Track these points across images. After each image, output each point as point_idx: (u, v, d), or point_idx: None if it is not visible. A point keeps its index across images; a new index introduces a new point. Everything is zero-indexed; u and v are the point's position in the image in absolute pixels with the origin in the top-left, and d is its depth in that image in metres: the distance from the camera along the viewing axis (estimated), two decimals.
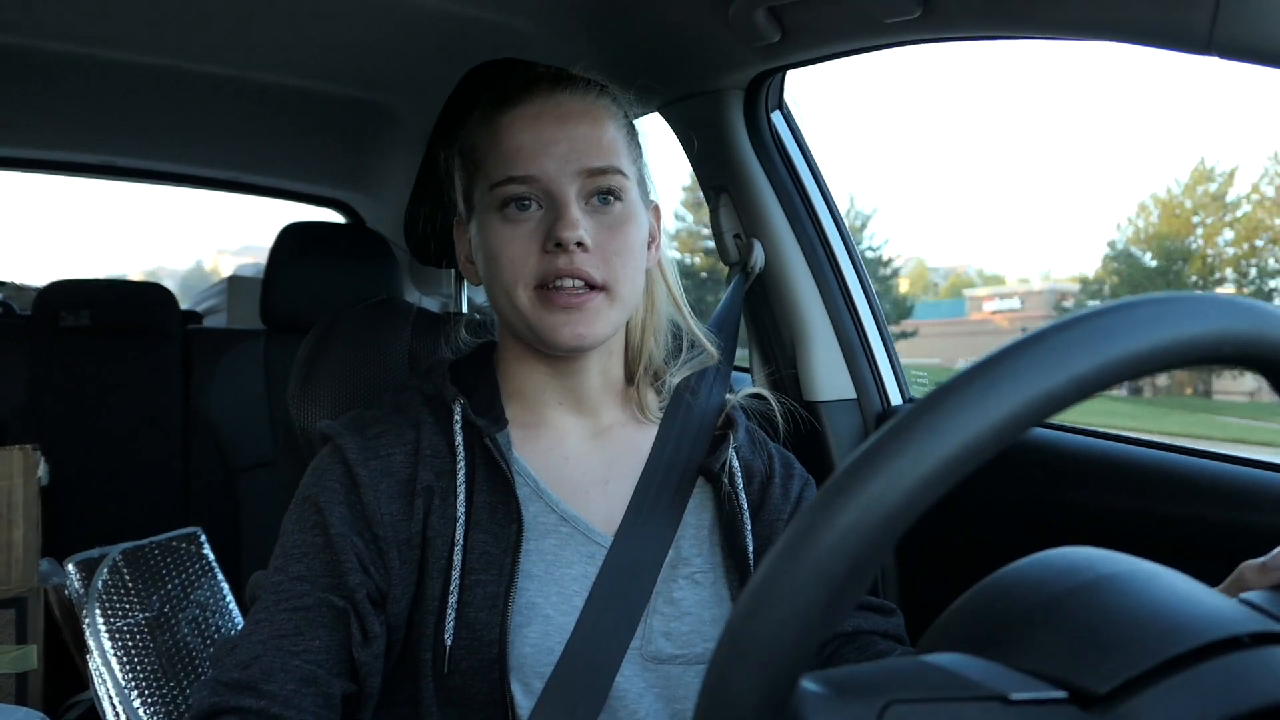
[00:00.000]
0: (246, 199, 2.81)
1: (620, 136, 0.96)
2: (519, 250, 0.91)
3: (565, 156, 0.91)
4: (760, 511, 1.02)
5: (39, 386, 2.18)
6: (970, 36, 1.11)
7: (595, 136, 0.93)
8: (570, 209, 0.90)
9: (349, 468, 0.89)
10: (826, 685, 0.36)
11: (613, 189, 0.93)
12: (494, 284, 0.95)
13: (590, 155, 0.92)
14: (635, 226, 0.95)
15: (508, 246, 0.92)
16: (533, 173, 0.91)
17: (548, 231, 0.90)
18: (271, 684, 0.79)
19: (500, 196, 0.92)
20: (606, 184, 0.93)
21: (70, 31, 1.62)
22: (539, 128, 0.92)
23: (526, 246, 0.91)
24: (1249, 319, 0.38)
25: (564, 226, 0.89)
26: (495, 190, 0.92)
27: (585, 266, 0.90)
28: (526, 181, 0.91)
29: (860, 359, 1.49)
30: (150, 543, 1.68)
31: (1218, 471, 1.09)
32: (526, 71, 0.98)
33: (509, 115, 0.94)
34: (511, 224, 0.92)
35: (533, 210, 0.92)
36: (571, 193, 0.91)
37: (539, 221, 0.91)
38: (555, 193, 0.91)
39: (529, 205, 0.92)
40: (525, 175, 0.91)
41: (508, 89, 0.96)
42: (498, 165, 0.93)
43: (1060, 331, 0.36)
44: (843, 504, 0.34)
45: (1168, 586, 0.40)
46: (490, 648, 0.86)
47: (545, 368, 0.98)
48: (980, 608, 0.41)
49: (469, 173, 0.98)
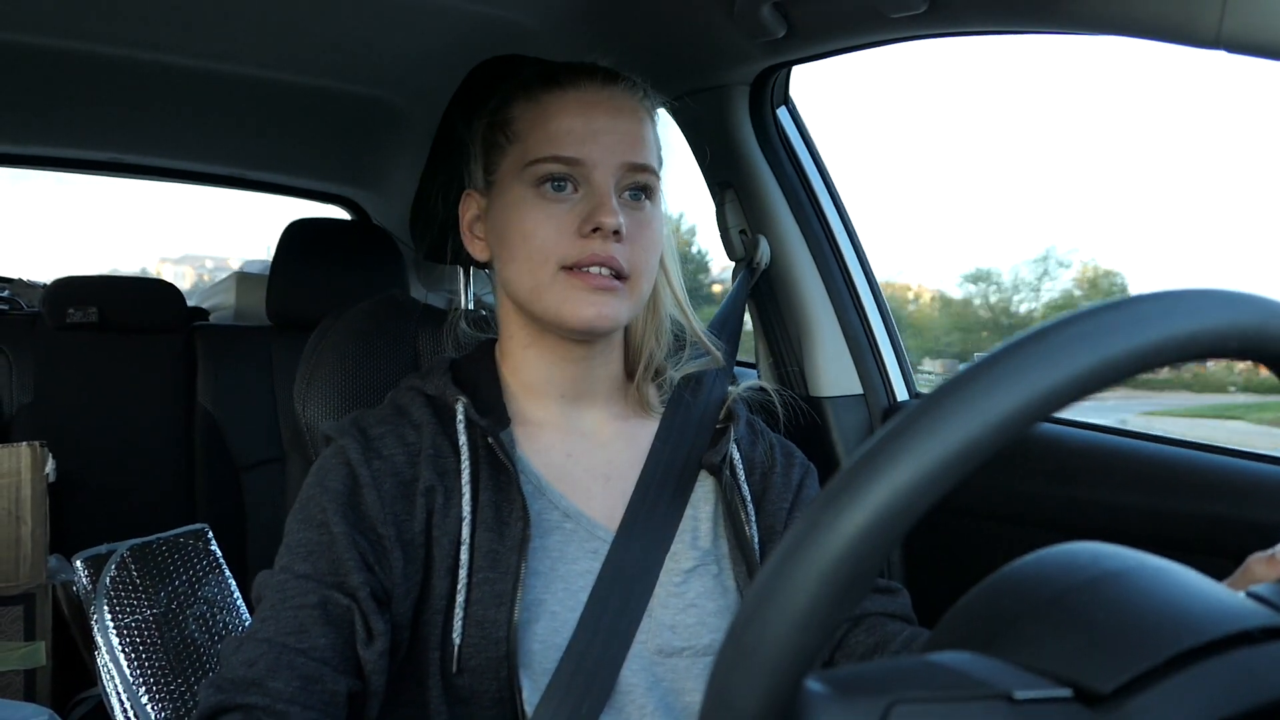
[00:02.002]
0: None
1: (654, 139, 0.99)
2: (553, 230, 0.92)
3: (612, 148, 0.93)
4: (763, 501, 1.03)
5: (46, 383, 2.18)
6: (977, 32, 1.11)
7: (640, 134, 0.96)
8: (612, 198, 0.92)
9: (351, 468, 0.90)
10: (830, 685, 0.36)
11: (647, 186, 0.96)
12: (517, 259, 0.95)
13: (634, 151, 0.94)
14: (659, 225, 0.97)
15: (543, 225, 0.92)
16: (580, 156, 0.92)
17: (586, 216, 0.91)
18: (276, 681, 0.80)
19: (538, 173, 0.93)
20: (644, 180, 0.95)
21: (74, 29, 1.62)
22: (592, 115, 0.94)
23: (561, 227, 0.92)
24: (1255, 312, 0.38)
25: (606, 213, 0.90)
26: (533, 166, 0.93)
27: (618, 255, 0.91)
28: (570, 163, 0.92)
29: (866, 354, 1.49)
30: (157, 539, 1.68)
31: (1227, 466, 1.09)
32: (571, 62, 1.00)
33: (560, 96, 0.95)
34: (547, 202, 0.93)
35: (568, 192, 0.93)
36: (612, 183, 0.92)
37: (575, 204, 0.92)
38: (598, 180, 0.92)
39: (565, 187, 0.93)
40: (571, 157, 0.92)
41: (554, 71, 0.97)
42: (541, 142, 0.93)
43: (1065, 327, 0.36)
44: (846, 502, 0.34)
45: (1175, 582, 0.39)
46: (499, 645, 0.86)
47: (551, 356, 0.98)
48: (985, 605, 0.41)
49: (499, 144, 0.98)
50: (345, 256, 2.21)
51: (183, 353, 2.30)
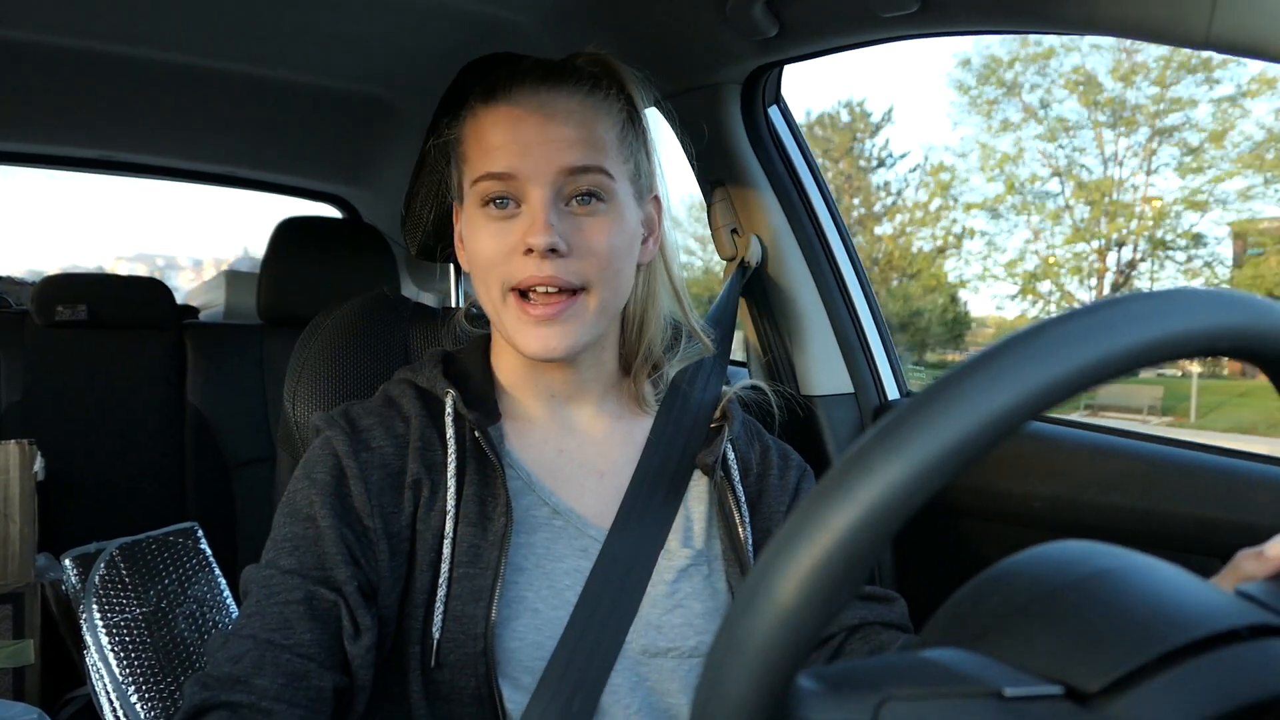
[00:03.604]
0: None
1: (611, 132, 0.94)
2: (498, 250, 0.90)
3: (544, 157, 0.89)
4: (759, 504, 1.03)
5: (35, 381, 2.18)
6: (968, 31, 1.11)
7: (578, 136, 0.90)
8: (544, 214, 0.88)
9: (338, 460, 0.90)
10: (822, 682, 0.36)
11: (594, 189, 0.91)
12: (475, 278, 0.95)
13: (570, 155, 0.89)
14: (620, 227, 0.92)
15: (487, 245, 0.91)
16: (510, 170, 0.89)
17: (521, 235, 0.89)
18: (262, 678, 0.79)
19: (480, 192, 0.91)
20: (587, 184, 0.90)
21: (66, 25, 1.61)
22: (519, 126, 0.90)
23: (505, 247, 0.90)
24: (1245, 313, 0.38)
25: (536, 232, 0.87)
26: (476, 185, 0.92)
27: (560, 273, 0.88)
28: (503, 179, 0.90)
29: (857, 353, 1.49)
30: (147, 537, 1.68)
31: (1218, 466, 1.09)
32: (515, 66, 0.96)
33: (492, 111, 0.93)
34: (492, 221, 0.91)
35: (511, 209, 0.91)
36: (548, 195, 0.89)
37: (516, 222, 0.90)
38: (531, 194, 0.89)
39: (507, 204, 0.91)
40: (501, 173, 0.89)
41: (494, 83, 0.94)
42: (479, 161, 0.92)
43: (1057, 325, 0.36)
44: (839, 499, 0.34)
45: (1165, 580, 0.40)
46: (476, 641, 0.86)
47: (535, 362, 0.97)
48: (976, 603, 0.41)
49: (457, 163, 0.98)
50: (336, 254, 2.21)
51: (173, 351, 2.30)
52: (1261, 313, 0.39)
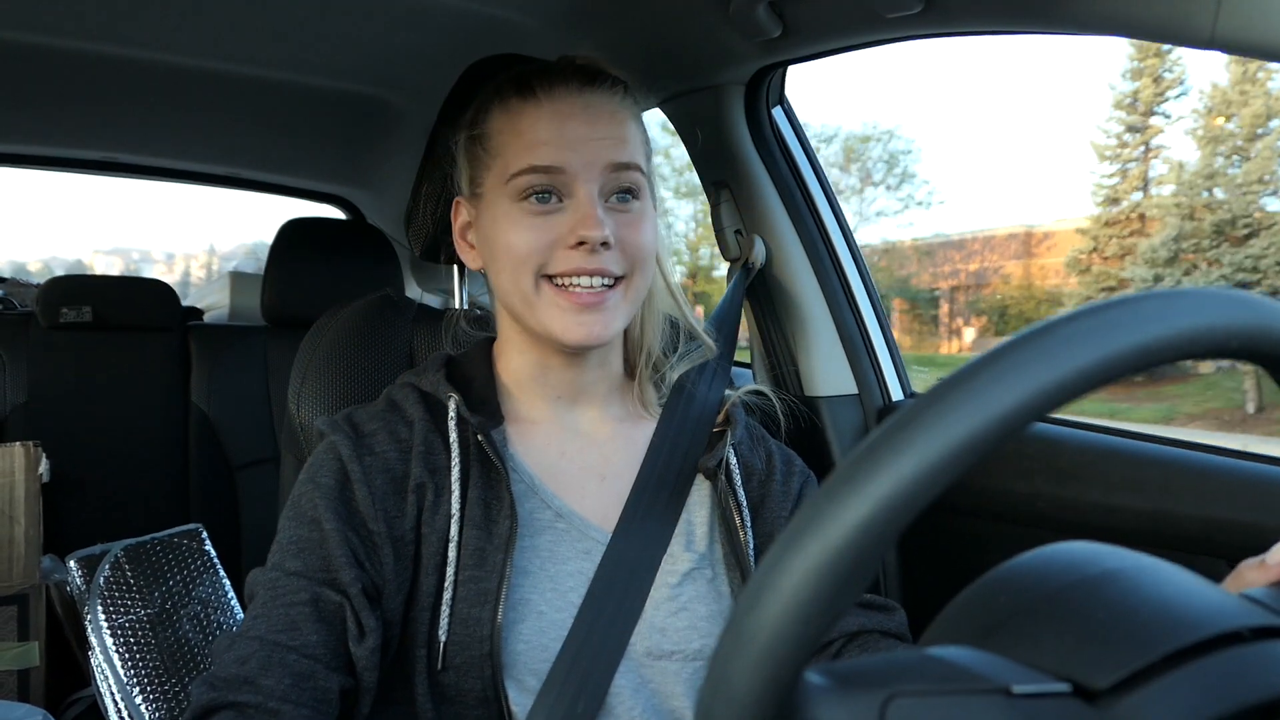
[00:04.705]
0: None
1: (638, 135, 0.97)
2: (538, 243, 0.91)
3: (592, 153, 0.91)
4: (761, 509, 1.03)
5: (40, 383, 2.18)
6: (972, 32, 1.11)
7: (620, 135, 0.94)
8: (595, 208, 0.90)
9: (342, 464, 0.90)
10: (830, 678, 0.36)
11: (633, 186, 0.94)
12: (504, 273, 0.94)
13: (615, 152, 0.93)
14: (651, 222, 0.96)
15: (524, 238, 0.92)
16: (559, 164, 0.91)
17: (572, 228, 0.90)
18: (268, 679, 0.80)
19: (520, 186, 0.92)
20: (629, 181, 0.94)
21: (71, 28, 1.61)
22: (566, 124, 0.92)
23: (546, 240, 0.91)
24: (1255, 314, 0.38)
25: (590, 225, 0.89)
26: (515, 179, 0.92)
27: (607, 264, 0.91)
28: (549, 173, 0.91)
29: (861, 354, 1.49)
30: (152, 539, 1.68)
31: (1224, 467, 1.09)
32: (548, 63, 0.99)
33: (534, 107, 0.94)
34: (532, 215, 0.92)
35: (553, 203, 0.92)
36: (595, 190, 0.91)
37: (560, 215, 0.91)
38: (579, 190, 0.91)
39: (549, 198, 0.92)
40: (549, 166, 0.91)
41: (528, 78, 0.95)
42: (519, 154, 0.92)
43: (1065, 324, 0.36)
44: (845, 498, 0.34)
45: (1170, 581, 0.40)
46: (482, 644, 0.86)
47: (546, 359, 0.98)
48: (984, 601, 0.41)
49: (479, 158, 0.97)
50: (340, 256, 2.21)
51: (177, 352, 2.30)
52: (1273, 315, 0.39)
